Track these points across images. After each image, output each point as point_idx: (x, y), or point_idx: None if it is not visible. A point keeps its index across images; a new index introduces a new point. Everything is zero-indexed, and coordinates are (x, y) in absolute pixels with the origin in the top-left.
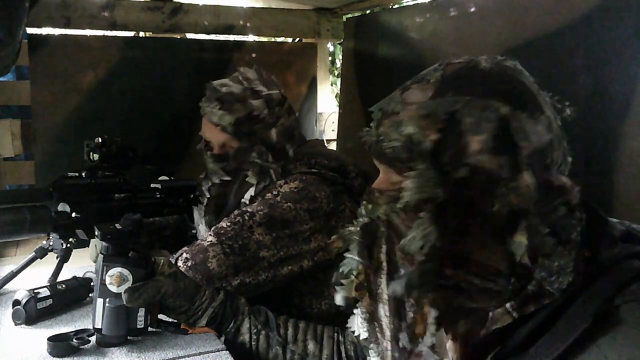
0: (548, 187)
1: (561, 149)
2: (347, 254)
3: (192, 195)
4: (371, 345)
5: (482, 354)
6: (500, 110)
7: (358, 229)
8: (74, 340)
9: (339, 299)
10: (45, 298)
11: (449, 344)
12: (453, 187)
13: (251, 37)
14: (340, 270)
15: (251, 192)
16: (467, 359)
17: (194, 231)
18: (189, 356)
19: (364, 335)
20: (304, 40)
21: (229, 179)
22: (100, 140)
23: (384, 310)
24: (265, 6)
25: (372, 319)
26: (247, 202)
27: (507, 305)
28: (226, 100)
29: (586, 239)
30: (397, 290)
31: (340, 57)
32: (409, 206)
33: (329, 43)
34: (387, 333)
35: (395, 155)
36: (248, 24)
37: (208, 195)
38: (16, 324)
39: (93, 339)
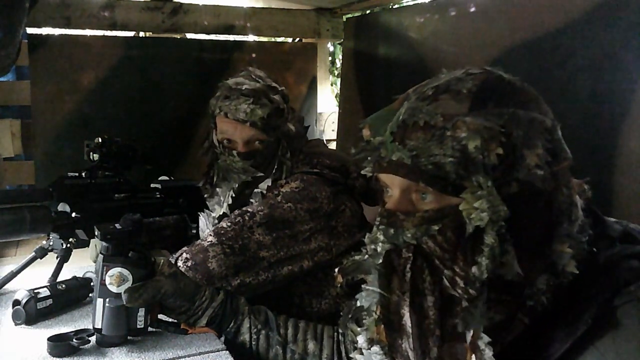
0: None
1: None
2: (366, 286)
3: (196, 200)
4: None
5: None
6: (546, 123)
7: (379, 257)
8: (74, 340)
9: (362, 341)
10: (45, 298)
11: None
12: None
13: (251, 37)
14: (360, 304)
15: (268, 182)
16: None
17: (194, 231)
18: (189, 356)
19: None
20: (304, 40)
21: (261, 174)
22: (100, 140)
23: (407, 344)
24: (265, 6)
25: (392, 353)
26: (264, 192)
27: (519, 314)
28: (254, 95)
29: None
30: (463, 323)
31: (340, 57)
32: (478, 228)
33: (329, 43)
34: None
35: (440, 172)
36: (248, 24)
37: (233, 195)
38: (16, 324)
39: (93, 339)
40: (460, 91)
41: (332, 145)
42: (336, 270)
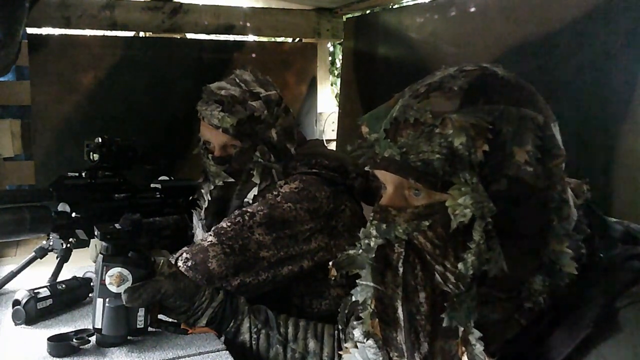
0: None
1: None
2: (359, 281)
3: (190, 198)
4: None
5: None
6: (537, 119)
7: (372, 251)
8: (74, 340)
9: (357, 334)
10: (45, 298)
11: None
12: (494, 200)
13: (251, 37)
14: (355, 299)
15: (254, 191)
16: None
17: (193, 231)
18: (189, 356)
19: None
20: (304, 40)
21: (232, 181)
22: (100, 140)
23: (401, 337)
24: (265, 6)
25: (386, 346)
26: (250, 202)
27: (516, 314)
28: (226, 103)
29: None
30: (448, 318)
31: (340, 57)
32: (462, 224)
33: (329, 43)
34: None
35: (428, 169)
36: (248, 24)
37: (209, 198)
38: (16, 324)
39: (93, 339)
40: (451, 88)
41: (332, 146)
42: (330, 263)
